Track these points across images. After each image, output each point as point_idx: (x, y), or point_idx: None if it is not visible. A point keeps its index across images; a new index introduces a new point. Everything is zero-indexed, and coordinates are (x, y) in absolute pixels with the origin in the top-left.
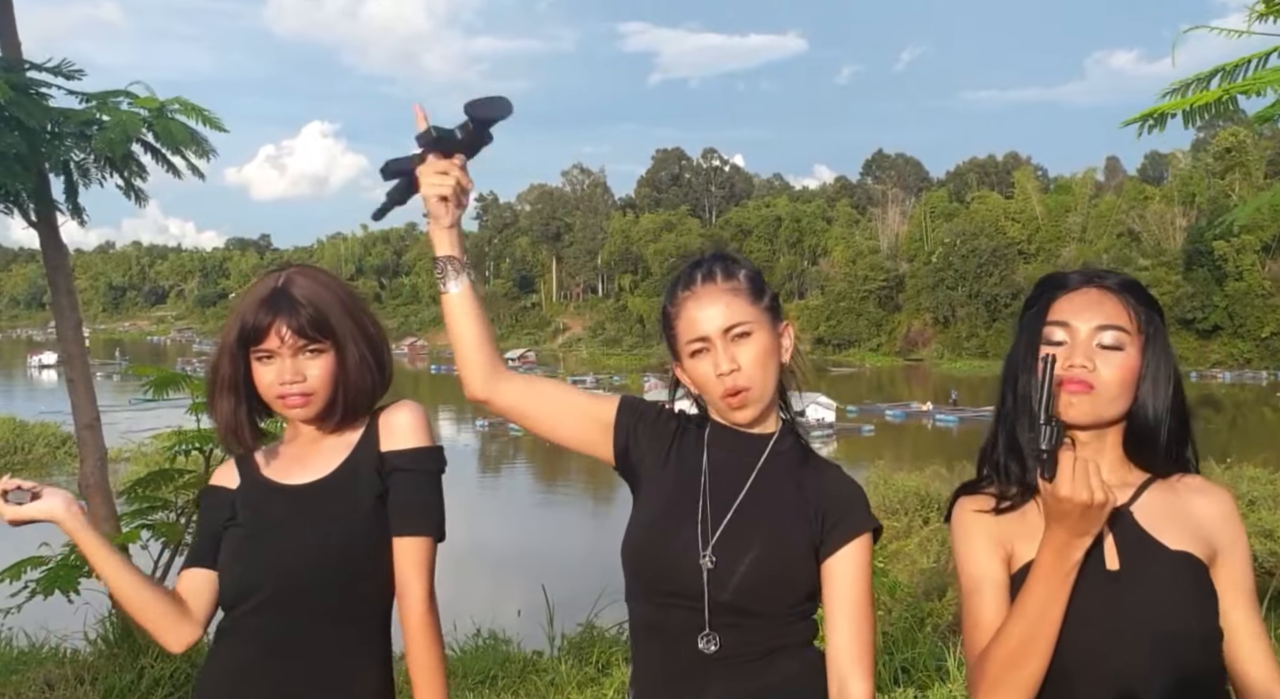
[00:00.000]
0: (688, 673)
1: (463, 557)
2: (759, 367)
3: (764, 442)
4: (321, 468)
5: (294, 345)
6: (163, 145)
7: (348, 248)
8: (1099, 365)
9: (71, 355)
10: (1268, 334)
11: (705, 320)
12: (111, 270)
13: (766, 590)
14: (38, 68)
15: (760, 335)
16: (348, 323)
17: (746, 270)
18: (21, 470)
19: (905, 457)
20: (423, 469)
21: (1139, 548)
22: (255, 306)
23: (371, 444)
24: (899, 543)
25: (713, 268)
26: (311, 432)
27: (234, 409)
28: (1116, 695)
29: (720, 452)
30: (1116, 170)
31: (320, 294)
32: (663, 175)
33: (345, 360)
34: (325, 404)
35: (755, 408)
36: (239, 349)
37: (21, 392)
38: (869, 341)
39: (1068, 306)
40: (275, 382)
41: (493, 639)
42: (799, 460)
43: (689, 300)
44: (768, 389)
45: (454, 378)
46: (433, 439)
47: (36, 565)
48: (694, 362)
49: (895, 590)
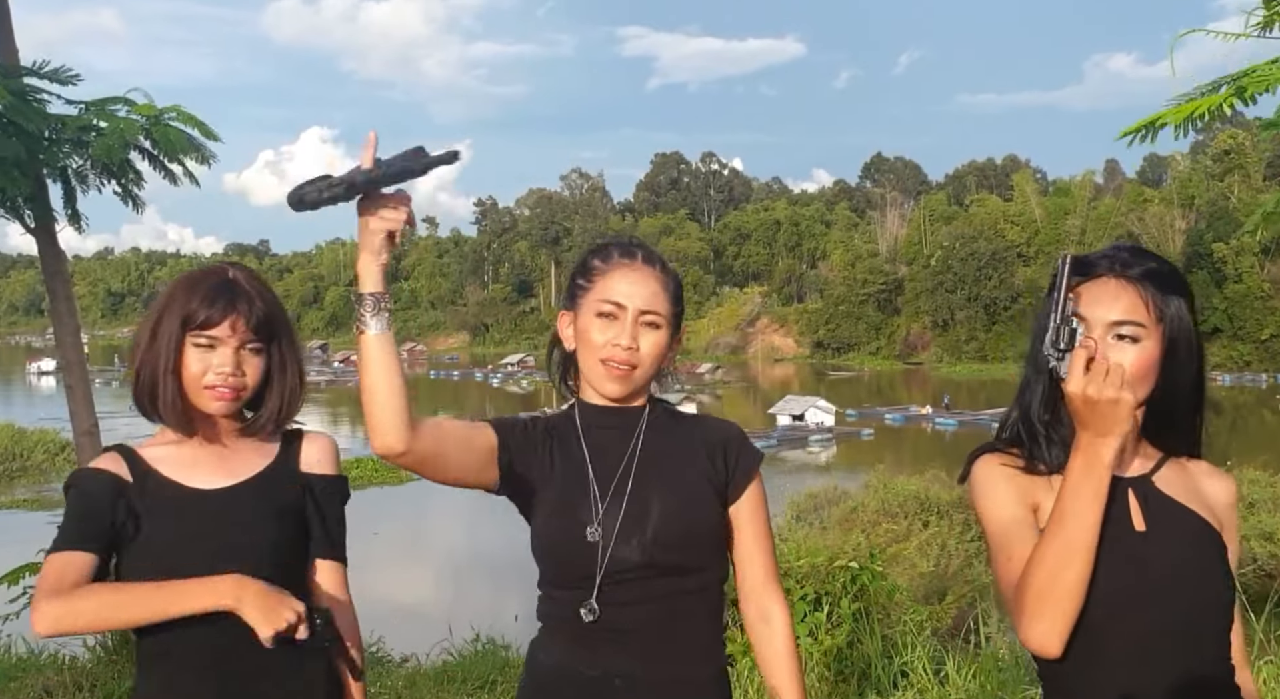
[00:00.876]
0: (590, 641)
1: (461, 562)
2: (651, 358)
3: (638, 412)
4: (239, 471)
5: (242, 338)
6: (160, 152)
7: (346, 253)
8: (1114, 358)
9: (70, 362)
10: (1267, 336)
11: (630, 292)
12: (110, 276)
13: (680, 540)
14: (34, 73)
15: (664, 334)
16: (287, 333)
17: (676, 276)
18: (20, 477)
19: (905, 460)
20: (343, 498)
21: (1164, 512)
22: (209, 293)
23: (292, 461)
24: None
25: (654, 256)
26: (213, 433)
27: (176, 391)
28: (1143, 651)
29: (597, 432)
30: (1115, 173)
31: (268, 296)
32: (661, 179)
33: (279, 365)
34: (246, 401)
35: (628, 386)
36: (180, 332)
37: (20, 398)
38: (868, 345)
39: (1085, 298)
40: (211, 370)
41: (491, 644)
42: (673, 421)
43: (624, 267)
44: (645, 380)
45: (453, 382)
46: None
47: (35, 571)
48: (596, 320)
49: (894, 594)
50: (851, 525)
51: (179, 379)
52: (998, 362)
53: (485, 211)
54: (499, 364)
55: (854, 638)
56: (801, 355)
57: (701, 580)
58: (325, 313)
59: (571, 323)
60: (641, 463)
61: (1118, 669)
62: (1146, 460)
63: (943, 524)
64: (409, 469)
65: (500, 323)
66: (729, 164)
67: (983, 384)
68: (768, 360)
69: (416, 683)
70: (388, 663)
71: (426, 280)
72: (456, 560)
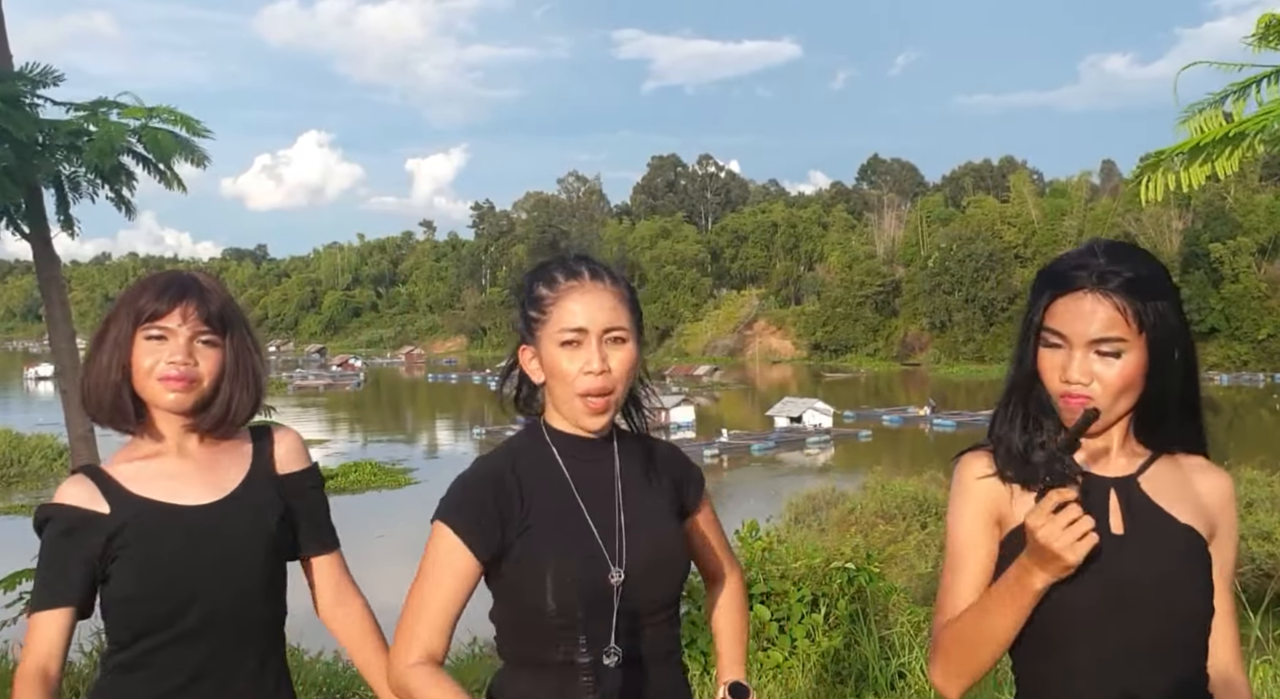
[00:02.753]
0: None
1: None
2: (624, 377)
3: (610, 441)
4: (219, 485)
5: (194, 329)
6: (153, 155)
7: (344, 257)
8: (1098, 373)
9: (65, 367)
10: (1264, 336)
11: (589, 314)
12: (108, 282)
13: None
14: (22, 78)
15: (632, 347)
16: (243, 330)
17: (626, 281)
18: (18, 482)
19: (902, 461)
20: (318, 485)
21: (1145, 515)
22: (159, 288)
23: (266, 463)
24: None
25: (599, 269)
26: (184, 441)
27: (119, 388)
28: (1115, 658)
29: (579, 465)
30: (1112, 173)
31: (224, 293)
32: (658, 182)
33: (236, 361)
34: (204, 397)
35: (608, 416)
36: (130, 329)
37: (18, 404)
38: (866, 347)
39: (1063, 314)
40: (163, 359)
41: (489, 648)
42: (636, 446)
43: (575, 290)
44: (620, 401)
45: (450, 385)
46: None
47: (31, 577)
48: (561, 351)
49: (891, 595)
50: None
51: (124, 374)
52: (995, 362)
53: (482, 215)
54: (497, 367)
55: (851, 639)
56: (799, 357)
57: (676, 609)
58: (323, 317)
59: (535, 356)
60: (626, 498)
61: (1087, 678)
62: (1134, 459)
63: (941, 525)
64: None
65: (498, 326)
66: (726, 166)
67: (980, 385)
68: (765, 362)
69: None
70: None
71: (424, 284)
72: None
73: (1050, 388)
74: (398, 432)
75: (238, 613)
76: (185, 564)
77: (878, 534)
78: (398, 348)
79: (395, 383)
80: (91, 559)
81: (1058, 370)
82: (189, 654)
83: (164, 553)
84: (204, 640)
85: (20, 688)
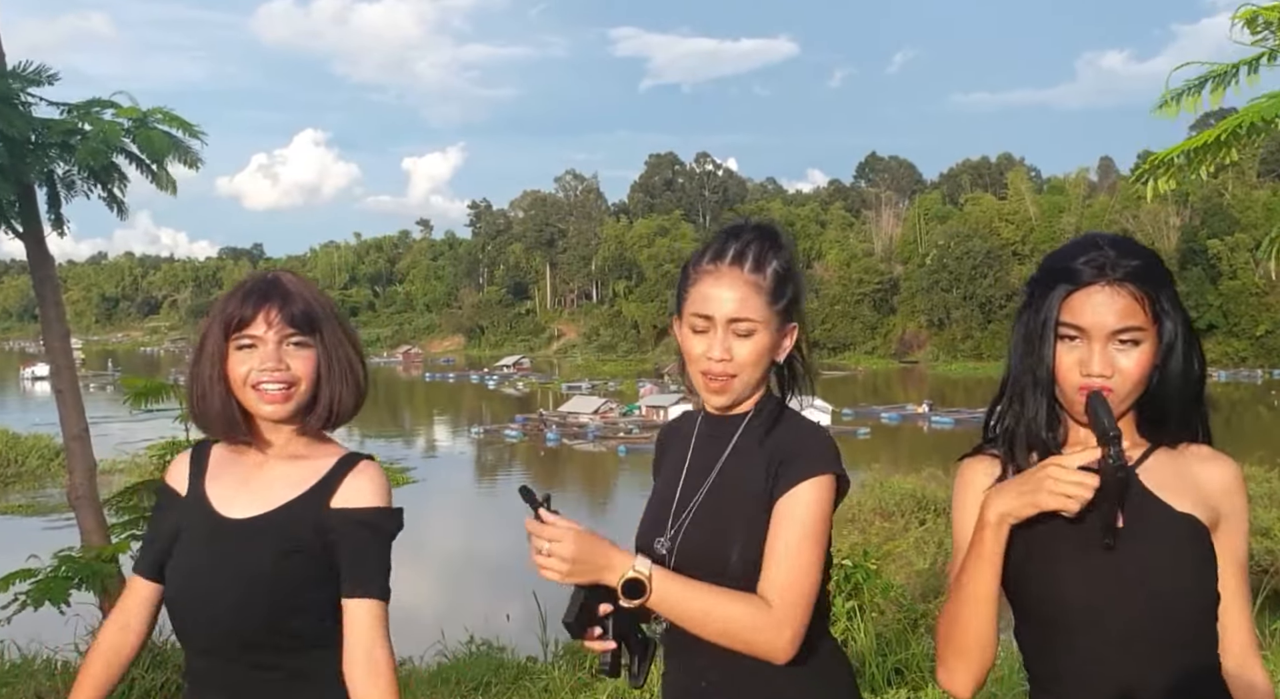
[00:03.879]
0: (676, 650)
1: (457, 564)
2: (750, 364)
3: (737, 421)
4: (261, 500)
5: (281, 333)
6: (146, 155)
7: (341, 256)
8: (1119, 364)
9: (59, 367)
10: (1262, 332)
11: (716, 303)
12: (104, 281)
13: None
14: (15, 76)
15: (762, 336)
16: (334, 325)
17: (778, 265)
18: (15, 482)
19: (901, 459)
20: (379, 532)
21: (1144, 507)
22: (243, 294)
23: (323, 496)
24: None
25: (745, 250)
26: (270, 442)
27: (225, 399)
28: (1116, 651)
29: (704, 440)
30: (1110, 170)
31: (310, 291)
32: (656, 180)
33: (330, 360)
34: (304, 401)
35: (729, 397)
36: (222, 339)
37: (14, 404)
38: (864, 345)
39: (1080, 309)
40: (255, 368)
41: (487, 646)
42: (771, 426)
43: (710, 274)
44: (751, 384)
45: (449, 384)
46: (391, 502)
47: (26, 577)
48: (692, 334)
49: (888, 592)
50: (848, 524)
51: (226, 386)
52: (993, 359)
53: (480, 214)
54: (495, 366)
55: (848, 636)
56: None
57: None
58: None
59: (679, 330)
60: (721, 475)
61: (1093, 667)
62: (1133, 450)
63: (939, 522)
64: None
65: (496, 325)
66: (723, 165)
67: (978, 382)
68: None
69: (410, 685)
70: None
71: (421, 283)
72: (452, 562)
73: (1067, 382)
74: (395, 431)
75: (249, 638)
76: (202, 575)
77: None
78: (395, 347)
79: (392, 382)
80: (167, 536)
81: (1077, 365)
82: (214, 663)
83: (191, 559)
84: (220, 658)
85: (100, 634)
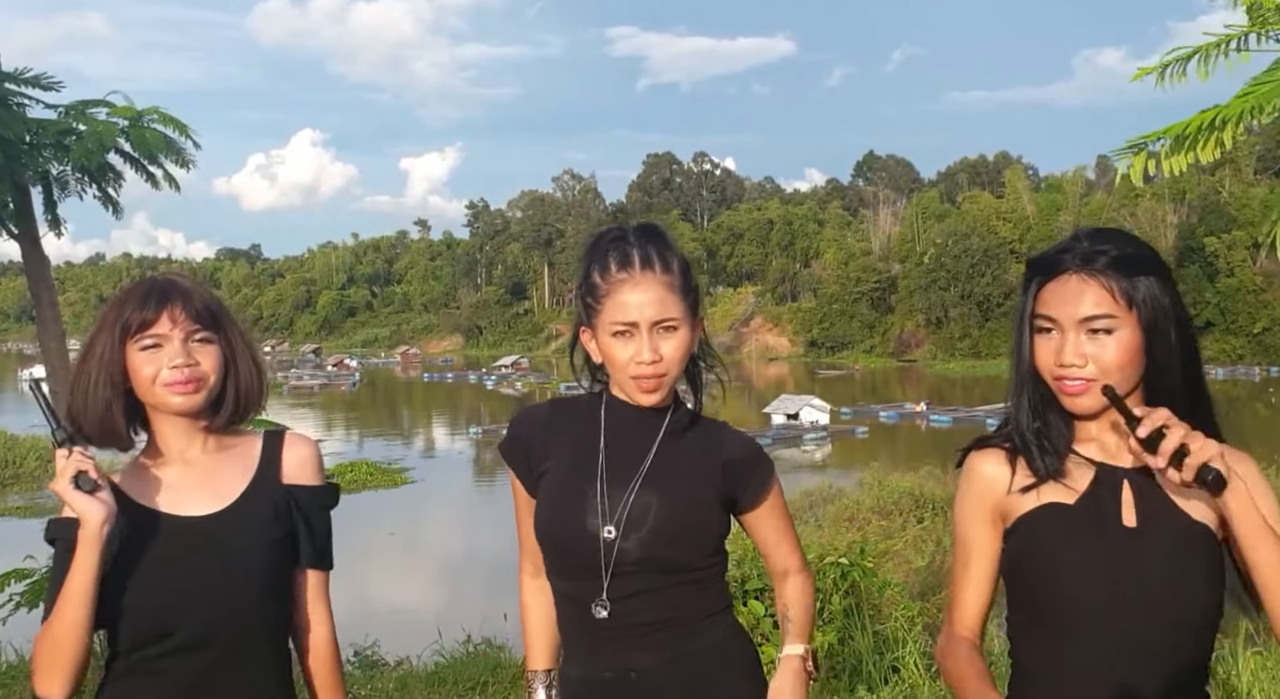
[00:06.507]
0: (597, 642)
1: (456, 564)
2: (678, 361)
3: (662, 414)
4: (221, 496)
5: (186, 329)
6: (139, 154)
7: (339, 257)
8: (1093, 353)
9: (55, 368)
10: (1260, 330)
11: (638, 308)
12: (102, 282)
13: (679, 537)
14: (13, 79)
15: (684, 331)
16: (230, 322)
17: (680, 262)
18: (13, 484)
19: (899, 458)
20: (328, 506)
21: (1159, 510)
22: (142, 296)
23: (273, 474)
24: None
25: (651, 254)
26: (187, 448)
27: (109, 403)
28: (1116, 651)
29: (618, 427)
30: (1107, 168)
31: (205, 290)
32: (654, 180)
33: (234, 354)
34: (213, 395)
35: (661, 394)
36: (118, 342)
37: (12, 405)
38: (862, 344)
39: (1051, 299)
40: (164, 366)
41: (486, 645)
42: (694, 428)
43: (626, 282)
44: (677, 379)
45: (447, 385)
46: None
47: (21, 578)
48: (614, 340)
49: (885, 590)
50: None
51: (115, 392)
52: (992, 358)
53: (477, 214)
54: (493, 366)
55: (845, 634)
56: (795, 354)
57: (701, 575)
58: (318, 317)
59: (593, 338)
60: (654, 466)
61: (1086, 670)
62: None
63: (937, 520)
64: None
65: (494, 325)
66: (721, 164)
67: (977, 381)
68: (762, 359)
69: (408, 685)
70: (382, 666)
71: (419, 283)
72: (450, 562)
73: (1046, 373)
74: (394, 431)
75: (236, 626)
76: (180, 577)
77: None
78: (393, 347)
79: (391, 382)
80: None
81: (1052, 355)
82: (185, 666)
83: (159, 565)
84: (202, 652)
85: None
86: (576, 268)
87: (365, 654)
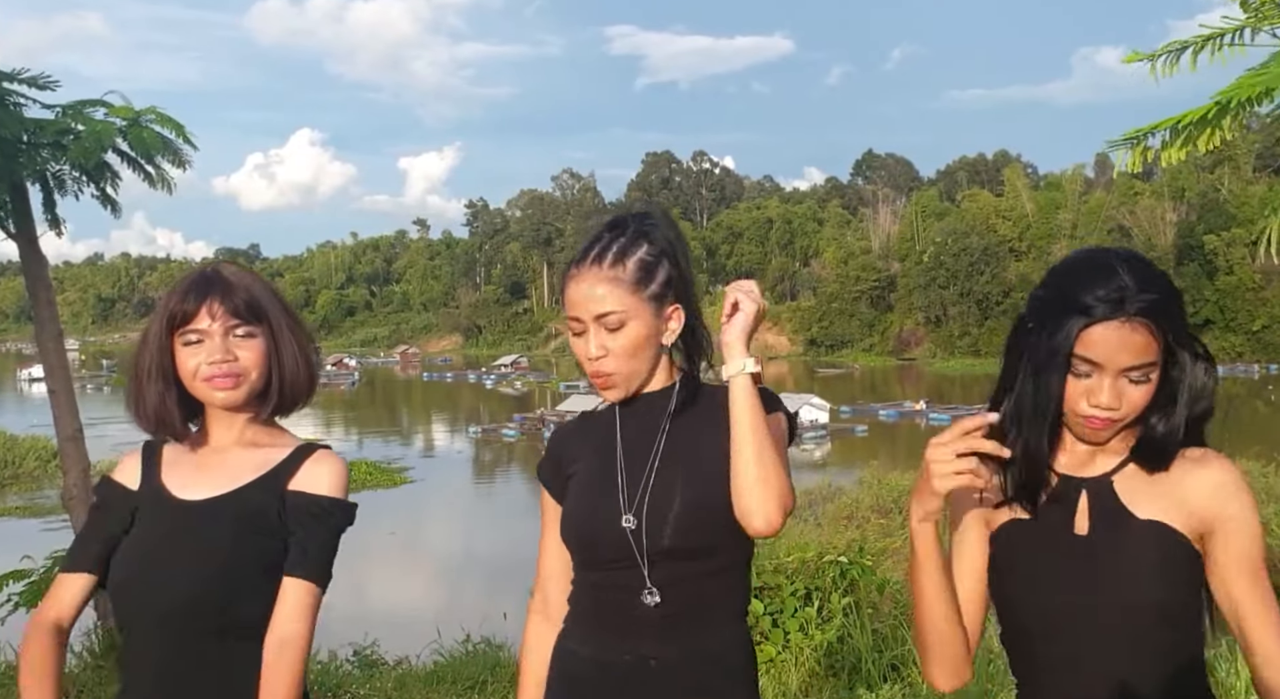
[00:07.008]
0: (627, 627)
1: (455, 563)
2: (627, 355)
3: (666, 397)
4: (219, 483)
5: (226, 324)
6: (136, 153)
7: (338, 256)
8: (1128, 397)
9: (53, 367)
10: (1259, 327)
11: (581, 304)
12: (100, 282)
13: (704, 520)
14: (10, 78)
15: (635, 325)
16: (279, 312)
17: (643, 254)
18: (12, 484)
19: (899, 456)
20: (330, 521)
21: (1110, 516)
22: (184, 290)
23: (280, 478)
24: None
25: (605, 249)
26: (225, 433)
27: (162, 395)
28: (1076, 658)
29: (630, 420)
30: (1106, 166)
31: (252, 281)
32: (653, 179)
33: (279, 347)
34: (256, 389)
35: (623, 390)
36: (165, 334)
37: (11, 405)
38: (861, 342)
39: (1095, 344)
40: (203, 361)
41: (485, 644)
42: (699, 396)
43: (574, 278)
44: (637, 373)
45: (446, 384)
46: (347, 494)
47: (19, 578)
48: (574, 339)
49: (884, 588)
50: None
51: (167, 383)
52: (991, 356)
53: (476, 213)
54: (493, 366)
55: (844, 632)
56: (795, 353)
57: (724, 561)
58: (317, 316)
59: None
60: (667, 447)
61: (1069, 673)
62: (1111, 458)
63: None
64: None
65: (493, 324)
66: (720, 163)
67: (976, 379)
68: (761, 358)
69: (406, 684)
70: (381, 665)
71: (418, 282)
72: (449, 561)
73: (1072, 409)
74: (393, 431)
75: (204, 613)
76: (158, 556)
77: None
78: (392, 347)
79: (390, 382)
80: (119, 533)
81: (1085, 395)
82: (157, 648)
83: (145, 543)
84: (171, 636)
85: (31, 631)
86: None
87: (364, 653)
